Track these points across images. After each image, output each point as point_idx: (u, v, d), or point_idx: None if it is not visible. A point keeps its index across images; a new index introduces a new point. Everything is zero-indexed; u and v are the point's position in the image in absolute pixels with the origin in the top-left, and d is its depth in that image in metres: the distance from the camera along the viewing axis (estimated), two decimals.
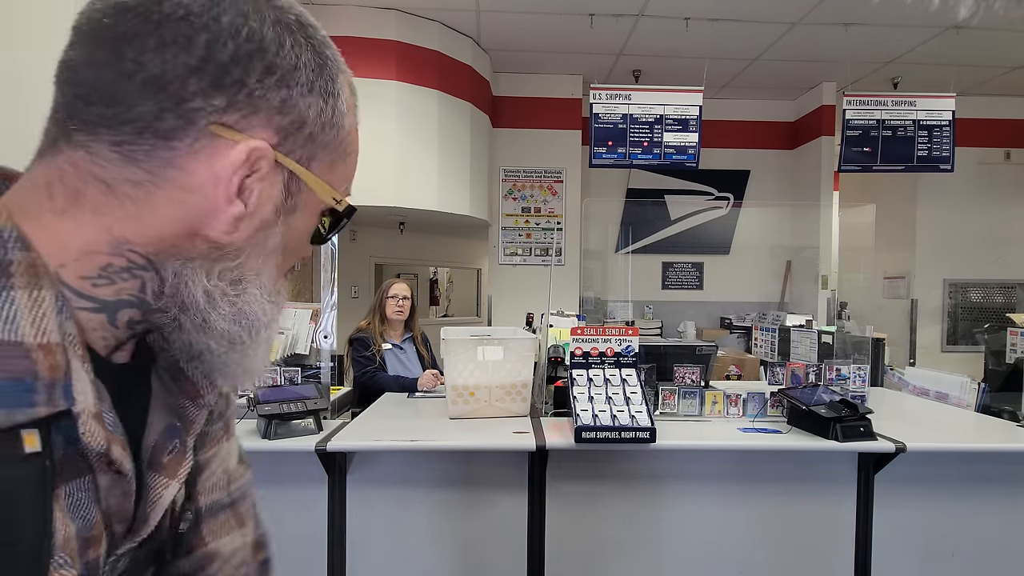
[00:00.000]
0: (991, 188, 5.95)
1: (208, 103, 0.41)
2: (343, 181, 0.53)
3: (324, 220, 0.52)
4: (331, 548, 1.97)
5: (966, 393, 2.61)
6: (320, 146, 0.48)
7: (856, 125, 4.72)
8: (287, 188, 0.47)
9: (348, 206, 0.54)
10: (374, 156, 4.42)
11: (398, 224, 5.92)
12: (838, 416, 1.97)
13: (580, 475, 2.06)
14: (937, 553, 2.08)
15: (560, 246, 5.62)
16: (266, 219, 0.46)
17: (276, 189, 0.46)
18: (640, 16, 4.36)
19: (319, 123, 0.47)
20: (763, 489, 2.08)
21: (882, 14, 4.22)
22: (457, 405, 2.21)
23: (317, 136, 0.47)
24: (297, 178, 0.47)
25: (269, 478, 1.99)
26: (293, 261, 0.53)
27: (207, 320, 0.45)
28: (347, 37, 4.37)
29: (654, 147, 4.56)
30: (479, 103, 5.10)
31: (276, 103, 0.44)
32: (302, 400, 1.98)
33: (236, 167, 0.43)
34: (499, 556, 2.03)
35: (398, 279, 3.39)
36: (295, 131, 0.45)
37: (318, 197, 0.49)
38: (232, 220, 0.44)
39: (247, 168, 0.43)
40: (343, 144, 0.51)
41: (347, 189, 0.54)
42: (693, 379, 2.44)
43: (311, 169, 0.47)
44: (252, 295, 0.47)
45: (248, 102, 0.43)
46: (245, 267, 0.46)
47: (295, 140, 0.46)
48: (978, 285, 6.07)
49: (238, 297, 0.46)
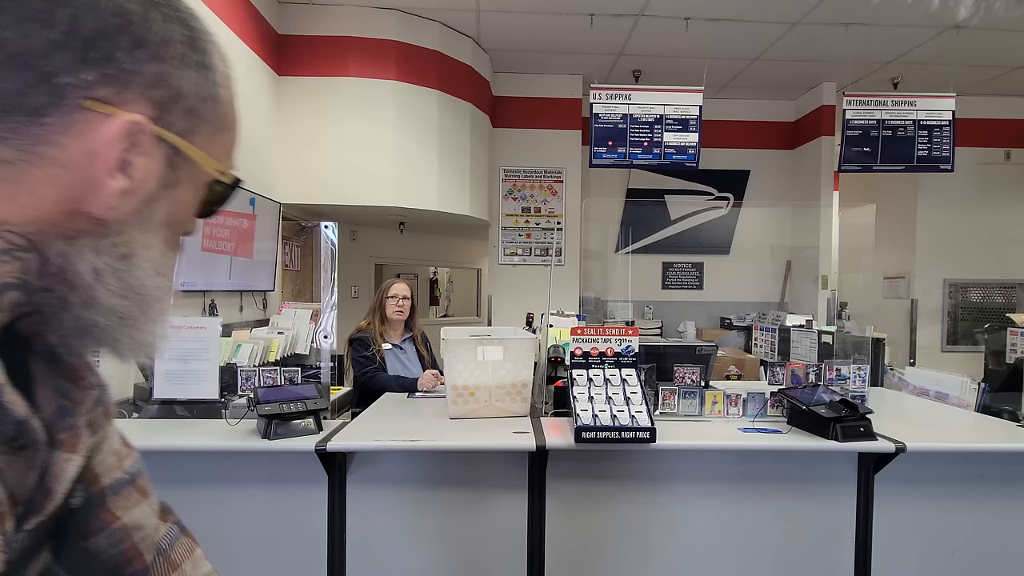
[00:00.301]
0: (991, 188, 5.95)
1: (77, 78, 0.41)
2: (226, 153, 0.53)
3: (213, 192, 0.53)
4: (331, 548, 1.97)
5: (966, 393, 2.61)
6: (200, 118, 0.48)
7: (856, 125, 4.72)
8: (170, 161, 0.47)
9: (233, 178, 0.54)
10: (374, 156, 4.42)
11: (398, 224, 5.92)
12: (838, 416, 1.97)
13: (580, 475, 2.06)
14: (937, 553, 2.08)
15: (560, 246, 5.62)
16: (150, 193, 0.46)
17: (158, 162, 0.46)
18: (640, 16, 4.36)
19: (196, 96, 0.47)
20: (763, 489, 2.08)
21: (882, 14, 4.22)
22: (457, 405, 2.21)
23: (196, 109, 0.48)
24: (179, 151, 0.47)
25: (269, 478, 1.99)
26: (180, 235, 0.53)
27: (94, 297, 0.45)
28: (347, 37, 4.38)
29: (654, 147, 4.56)
30: (479, 103, 5.10)
31: (149, 77, 0.44)
32: (302, 400, 1.98)
33: (112, 141, 0.43)
34: (499, 556, 2.03)
35: (398, 279, 3.39)
36: (173, 104, 0.46)
37: (202, 169, 0.50)
38: (114, 195, 0.44)
39: (126, 142, 0.43)
40: (222, 116, 0.51)
41: (231, 162, 0.54)
42: (693, 379, 2.44)
43: (193, 142, 0.48)
44: (143, 269, 0.48)
45: (120, 76, 0.43)
46: (133, 242, 0.47)
47: (174, 113, 0.46)
48: (978, 285, 6.07)
49: (127, 272, 0.47)
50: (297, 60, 4.37)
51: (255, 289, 3.95)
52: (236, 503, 1.97)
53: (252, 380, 2.31)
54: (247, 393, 2.13)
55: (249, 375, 2.33)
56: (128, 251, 0.47)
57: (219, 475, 1.98)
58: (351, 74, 4.37)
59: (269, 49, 4.19)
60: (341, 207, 4.52)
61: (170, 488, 2.28)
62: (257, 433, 1.95)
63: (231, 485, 1.97)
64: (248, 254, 3.70)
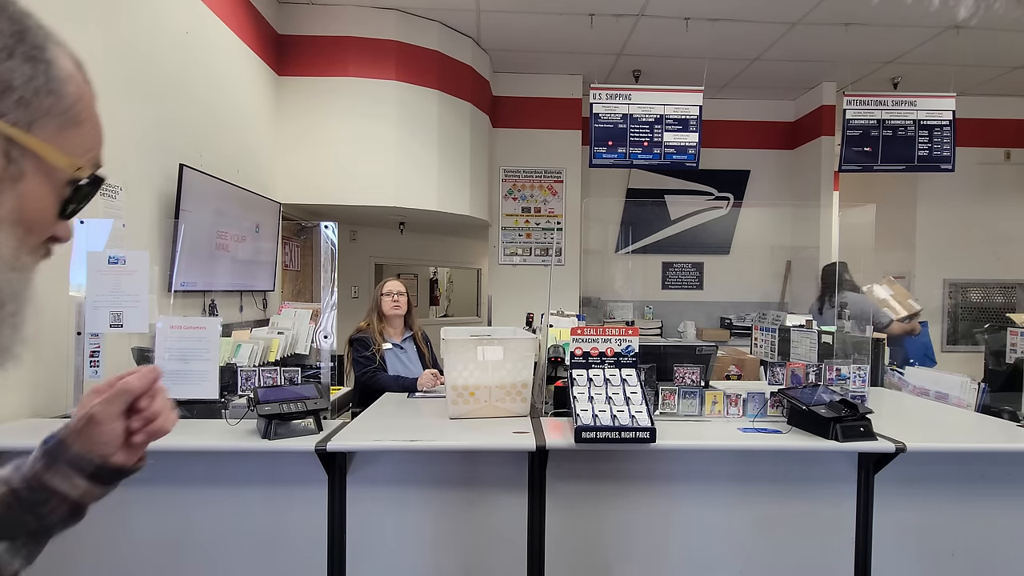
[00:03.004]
0: (991, 188, 5.95)
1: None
2: (81, 149, 0.52)
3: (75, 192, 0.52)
4: (331, 548, 1.97)
5: (966, 393, 2.61)
6: (39, 111, 0.48)
7: (856, 125, 4.72)
8: (5, 154, 0.46)
9: (93, 176, 0.53)
10: (374, 156, 4.42)
11: (398, 224, 5.92)
12: (838, 416, 1.97)
13: (580, 475, 2.06)
14: (937, 553, 2.08)
15: (560, 246, 5.62)
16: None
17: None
18: (640, 16, 4.36)
19: (30, 88, 0.47)
20: (763, 489, 2.08)
21: (882, 14, 4.22)
22: (457, 405, 2.21)
23: (31, 101, 0.47)
24: (16, 143, 0.46)
25: (269, 478, 1.99)
26: (41, 235, 0.51)
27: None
28: (347, 37, 4.38)
29: (654, 147, 4.56)
30: (479, 103, 5.10)
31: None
32: (302, 400, 1.98)
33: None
34: (499, 556, 2.03)
35: (394, 278, 3.39)
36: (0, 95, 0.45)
37: (52, 164, 0.49)
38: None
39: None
40: (70, 111, 0.50)
41: (93, 160, 0.53)
42: (693, 379, 2.44)
43: (34, 134, 0.47)
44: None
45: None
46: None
47: (3, 104, 0.45)
48: (978, 285, 6.07)
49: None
50: (297, 60, 4.37)
51: (255, 289, 3.95)
52: (236, 503, 1.97)
53: (252, 380, 2.31)
54: (247, 393, 2.13)
55: (249, 375, 2.33)
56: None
57: (219, 475, 1.98)
58: (351, 74, 4.37)
59: (269, 49, 4.19)
60: (341, 207, 4.52)
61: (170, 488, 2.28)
62: (257, 433, 1.95)
63: (231, 485, 1.97)
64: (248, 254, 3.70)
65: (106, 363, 2.16)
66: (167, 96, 2.97)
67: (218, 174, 3.33)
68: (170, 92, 3.00)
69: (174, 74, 3.03)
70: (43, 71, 0.48)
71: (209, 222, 3.25)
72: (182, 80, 3.11)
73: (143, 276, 2.13)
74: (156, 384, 0.65)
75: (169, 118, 2.99)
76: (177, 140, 3.05)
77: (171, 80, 3.01)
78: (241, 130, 3.81)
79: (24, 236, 0.49)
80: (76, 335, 2.11)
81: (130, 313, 2.12)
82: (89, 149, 0.53)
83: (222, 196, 3.39)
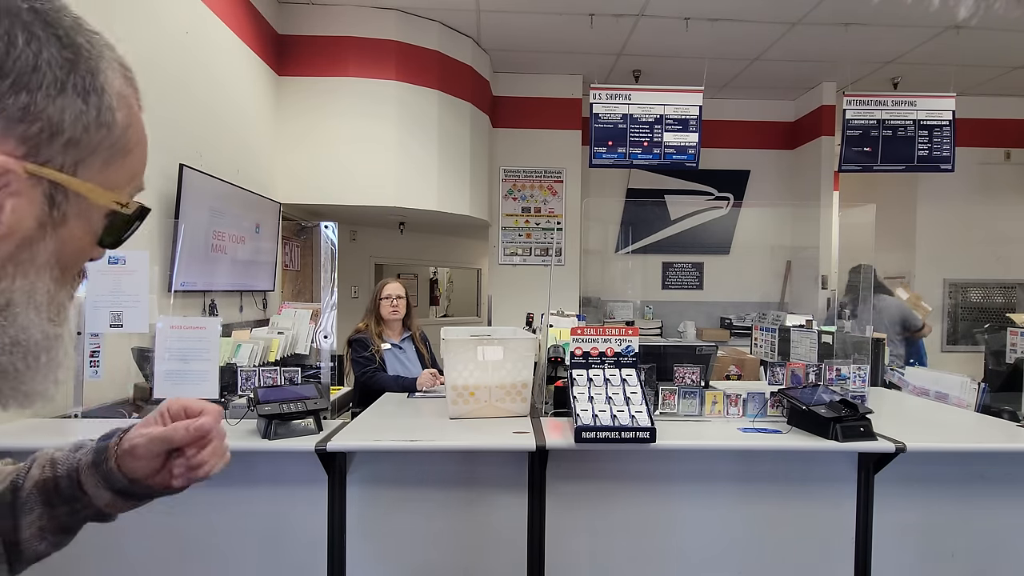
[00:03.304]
0: (991, 188, 5.95)
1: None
2: (126, 179, 0.48)
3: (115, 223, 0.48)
4: (331, 548, 1.97)
5: (966, 393, 2.61)
6: (87, 149, 0.43)
7: (856, 125, 4.73)
8: (50, 199, 0.42)
9: (139, 207, 0.49)
10: (374, 156, 4.42)
11: (398, 224, 5.92)
12: (838, 416, 1.97)
13: (580, 475, 2.06)
14: (937, 553, 2.08)
15: (560, 246, 5.62)
16: (28, 235, 0.41)
17: (35, 202, 0.41)
18: (640, 16, 4.36)
19: (80, 126, 0.42)
20: (763, 489, 2.08)
21: (882, 14, 4.22)
22: (457, 405, 2.21)
23: (81, 140, 0.42)
24: (63, 187, 0.42)
25: (269, 478, 1.99)
26: (77, 269, 0.49)
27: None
28: (347, 37, 4.38)
29: (654, 147, 4.56)
30: (479, 103, 5.10)
31: (15, 111, 0.39)
32: (302, 400, 1.98)
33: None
34: (499, 556, 2.03)
35: (393, 279, 3.38)
36: (48, 139, 0.41)
37: (94, 203, 0.45)
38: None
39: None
40: (119, 142, 0.45)
41: (137, 185, 0.49)
42: (693, 379, 2.44)
43: (79, 175, 0.43)
44: (27, 319, 0.43)
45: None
46: (11, 290, 0.42)
47: (51, 148, 0.41)
48: (978, 285, 6.07)
49: (8, 324, 0.42)
50: (297, 60, 4.37)
51: (255, 289, 3.95)
52: (236, 503, 1.97)
53: (252, 380, 2.31)
54: (247, 393, 2.13)
55: (249, 375, 2.33)
56: (8, 300, 0.42)
57: (219, 475, 1.98)
58: (351, 74, 4.37)
59: (269, 49, 4.19)
60: (341, 207, 4.52)
61: None
62: (257, 433, 1.95)
63: (231, 485, 1.97)
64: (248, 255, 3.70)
65: (106, 363, 2.16)
66: (167, 96, 2.97)
67: (218, 174, 3.33)
68: (170, 92, 3.00)
69: (174, 74, 3.04)
70: (95, 104, 0.43)
71: (209, 222, 3.25)
72: (182, 80, 3.11)
73: (143, 276, 2.13)
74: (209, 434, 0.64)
75: (169, 118, 2.99)
76: (177, 140, 3.05)
77: (171, 80, 3.01)
78: (241, 130, 3.81)
79: (60, 276, 0.46)
80: (76, 335, 2.11)
81: (130, 313, 2.12)
82: (135, 176, 0.49)
83: (222, 196, 3.39)
